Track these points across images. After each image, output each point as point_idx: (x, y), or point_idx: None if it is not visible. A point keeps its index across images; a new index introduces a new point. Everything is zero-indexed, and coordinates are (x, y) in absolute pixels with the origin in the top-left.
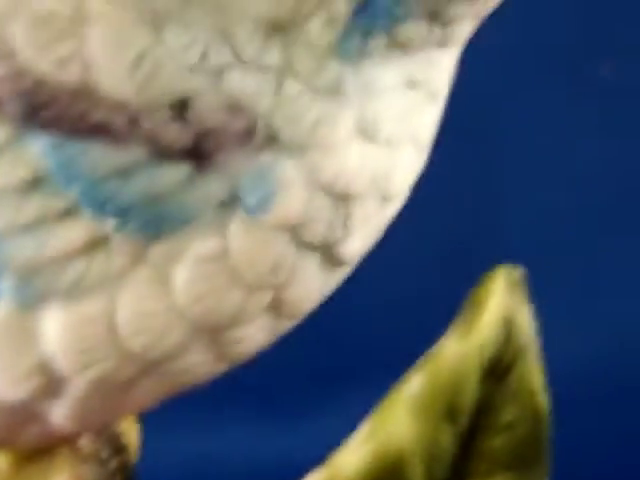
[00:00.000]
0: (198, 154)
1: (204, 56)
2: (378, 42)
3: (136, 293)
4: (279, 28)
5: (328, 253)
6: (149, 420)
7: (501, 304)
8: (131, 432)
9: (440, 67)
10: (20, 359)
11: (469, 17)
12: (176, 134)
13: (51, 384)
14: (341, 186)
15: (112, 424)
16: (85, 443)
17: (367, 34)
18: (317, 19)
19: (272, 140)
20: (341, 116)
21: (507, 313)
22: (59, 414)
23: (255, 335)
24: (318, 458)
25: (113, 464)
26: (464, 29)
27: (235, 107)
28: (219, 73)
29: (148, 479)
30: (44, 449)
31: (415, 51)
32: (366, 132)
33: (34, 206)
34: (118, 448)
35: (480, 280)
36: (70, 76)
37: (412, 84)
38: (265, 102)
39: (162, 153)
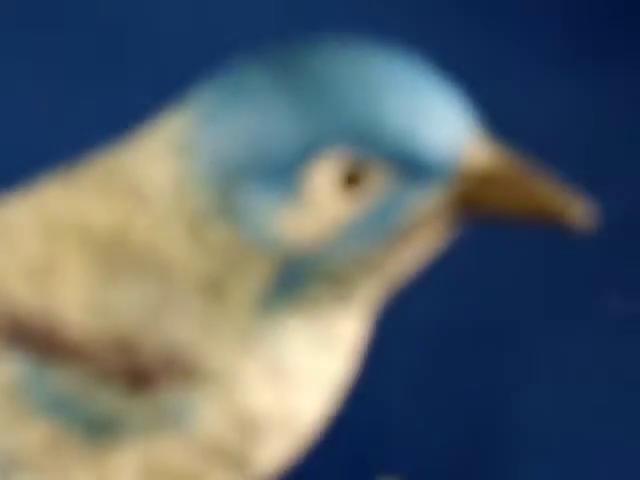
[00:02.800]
0: (137, 380)
1: (148, 302)
2: (291, 303)
3: None
4: (211, 286)
5: (242, 469)
6: None
7: None
8: None
9: (351, 326)
10: None
11: (371, 289)
12: (120, 363)
13: None
14: (254, 417)
15: None
16: None
17: (281, 296)
18: (241, 282)
19: (199, 374)
20: (257, 360)
21: None
22: None
23: None
24: None
25: None
26: (368, 298)
27: (170, 346)
28: (159, 317)
29: None
30: None
31: (324, 312)
32: (278, 375)
33: (5, 407)
34: None
35: None
36: (41, 307)
37: (322, 337)
38: (195, 344)
39: (107, 376)
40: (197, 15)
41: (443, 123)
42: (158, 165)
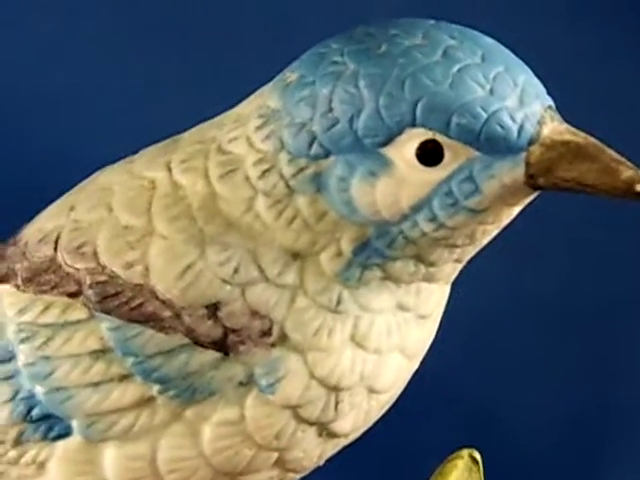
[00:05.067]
0: (225, 345)
1: (236, 271)
2: (374, 274)
3: (173, 442)
4: (297, 256)
5: (322, 428)
6: None
7: (460, 477)
8: None
9: (429, 296)
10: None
11: (449, 261)
12: (208, 328)
13: None
14: (333, 380)
15: None
16: None
17: (364, 267)
18: (327, 253)
19: (283, 340)
20: (338, 327)
21: None
22: None
23: None
24: None
25: None
26: (447, 269)
27: (256, 313)
28: (246, 286)
29: None
30: None
31: (405, 283)
32: (358, 341)
33: (99, 369)
34: None
35: (447, 457)
36: (133, 276)
37: (402, 308)
38: (280, 311)
39: (197, 341)
40: None
41: (521, 103)
42: (246, 138)
